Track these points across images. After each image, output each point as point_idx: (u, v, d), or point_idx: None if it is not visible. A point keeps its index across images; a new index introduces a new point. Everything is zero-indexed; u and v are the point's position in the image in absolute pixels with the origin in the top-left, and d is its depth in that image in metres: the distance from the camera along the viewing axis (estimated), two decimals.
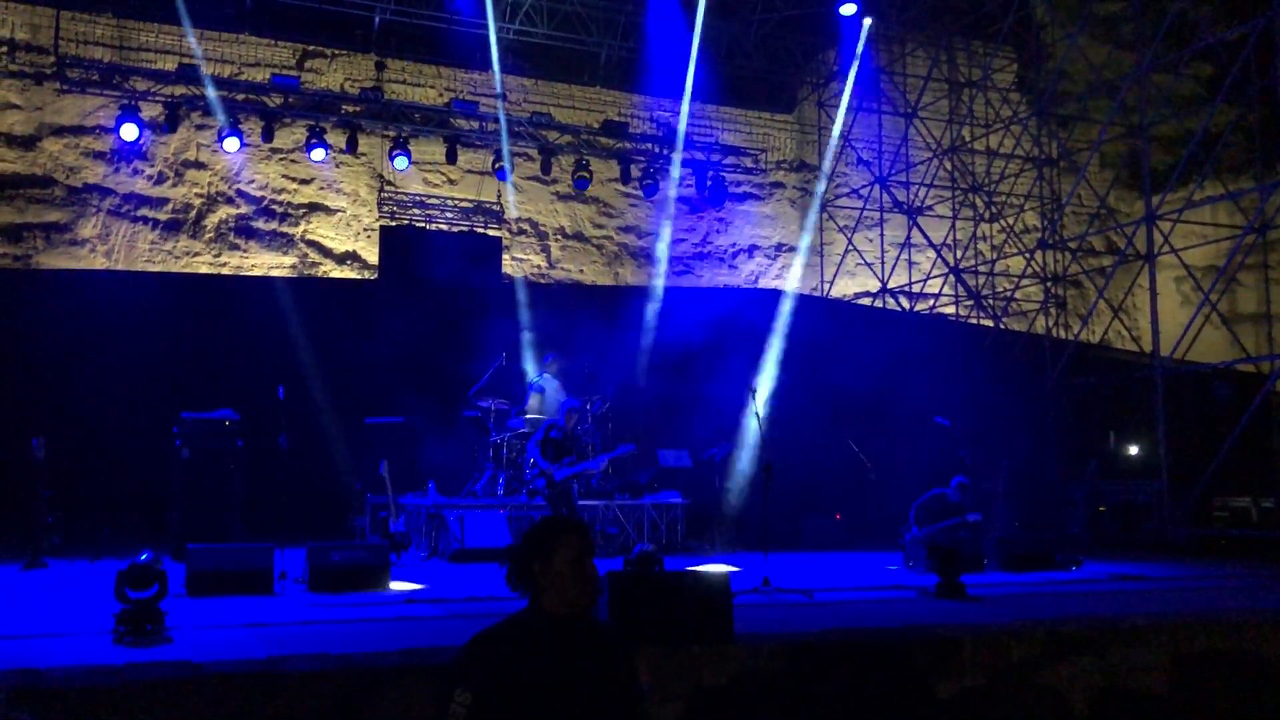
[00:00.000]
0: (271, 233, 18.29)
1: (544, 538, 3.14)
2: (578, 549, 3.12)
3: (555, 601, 3.09)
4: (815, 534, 14.13)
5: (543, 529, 3.18)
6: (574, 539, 3.13)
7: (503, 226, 18.63)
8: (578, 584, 3.10)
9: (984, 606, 8.01)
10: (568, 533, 3.14)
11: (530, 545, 3.15)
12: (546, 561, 3.10)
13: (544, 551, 3.11)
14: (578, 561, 3.10)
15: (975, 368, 18.16)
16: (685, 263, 21.05)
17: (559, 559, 3.09)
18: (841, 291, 21.40)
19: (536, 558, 3.10)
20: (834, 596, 8.52)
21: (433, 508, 11.84)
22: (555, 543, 3.12)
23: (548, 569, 3.09)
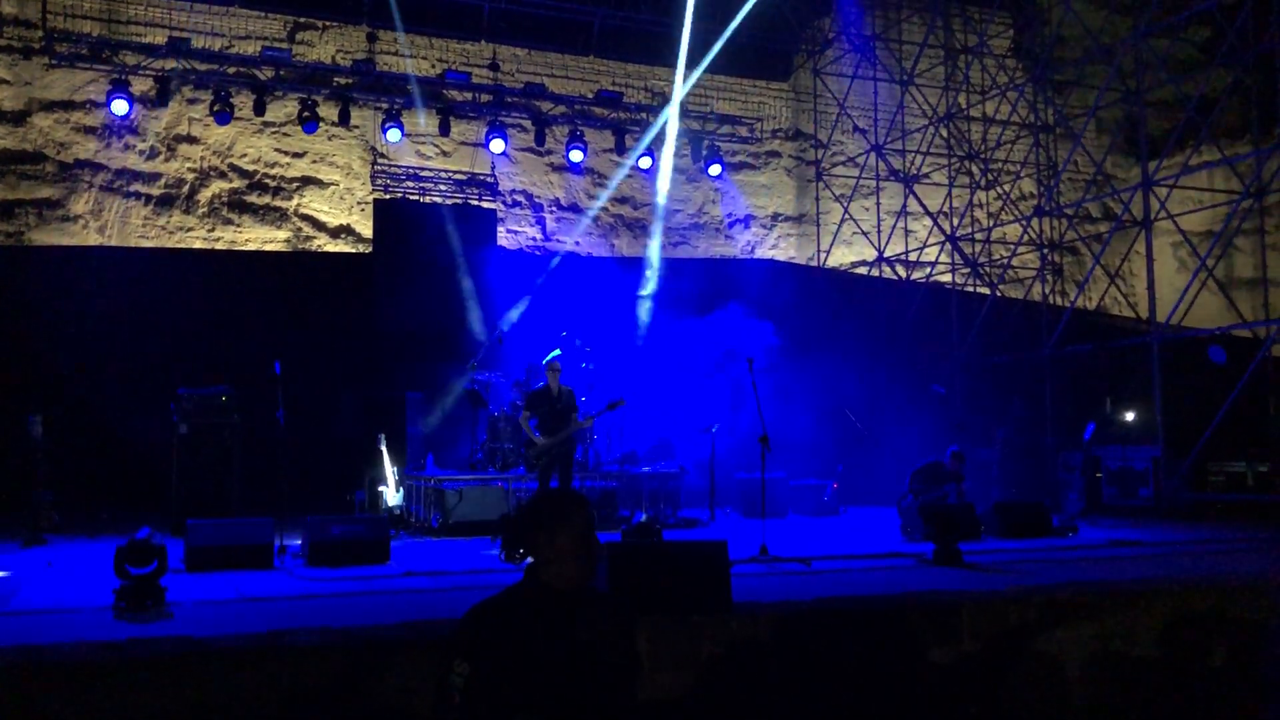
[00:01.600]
0: (265, 207, 18.20)
1: (549, 513, 3.12)
2: (582, 525, 3.11)
3: (556, 576, 3.09)
4: (812, 502, 14.18)
5: (547, 503, 3.16)
6: (579, 514, 3.12)
7: (496, 199, 18.54)
8: (581, 559, 3.10)
9: (981, 574, 8.04)
10: (573, 507, 3.13)
11: (533, 519, 3.14)
12: (551, 536, 3.09)
13: (549, 527, 3.10)
14: (582, 538, 3.10)
15: (972, 335, 18.18)
16: (681, 233, 20.99)
17: (564, 535, 3.08)
18: (838, 260, 21.36)
19: (541, 531, 3.10)
20: (831, 565, 8.54)
21: (431, 481, 11.86)
22: (560, 518, 3.10)
23: (551, 544, 3.09)
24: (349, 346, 14.64)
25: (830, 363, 16.33)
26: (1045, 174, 19.78)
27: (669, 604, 5.73)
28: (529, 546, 3.13)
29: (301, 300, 14.75)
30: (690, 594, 5.82)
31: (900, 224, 20.41)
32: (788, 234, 22.02)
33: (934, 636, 6.11)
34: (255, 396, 11.36)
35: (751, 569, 8.12)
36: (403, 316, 14.10)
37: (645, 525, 9.52)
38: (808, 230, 21.70)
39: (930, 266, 20.41)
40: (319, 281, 15.29)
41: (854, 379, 16.79)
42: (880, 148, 20.55)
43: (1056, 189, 19.45)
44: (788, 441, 13.57)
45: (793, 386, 15.51)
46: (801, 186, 22.05)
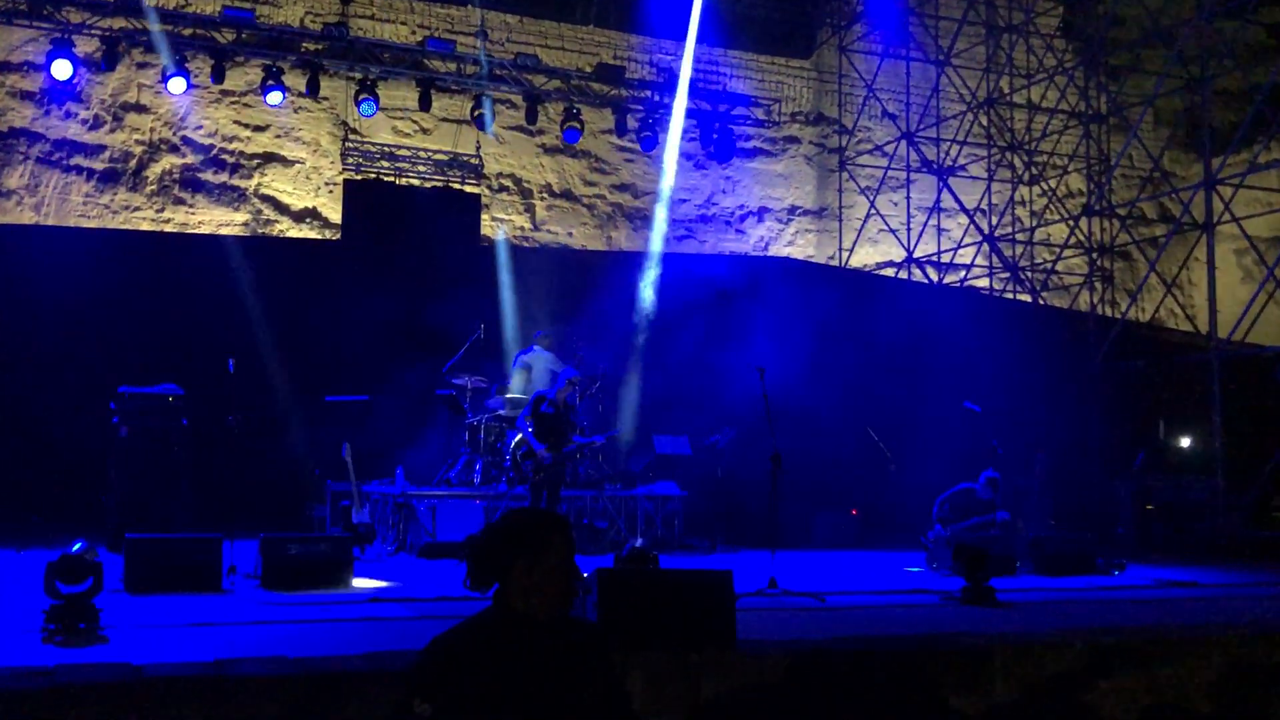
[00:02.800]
0: (221, 186, 18.21)
1: (525, 536, 3.12)
2: (563, 550, 3.11)
3: (530, 604, 3.09)
4: (828, 531, 14.18)
5: (522, 525, 3.15)
6: (560, 541, 3.12)
7: (482, 182, 18.57)
8: (563, 587, 3.10)
9: (1016, 614, 8.04)
10: (554, 533, 3.13)
11: (506, 542, 3.13)
12: (527, 563, 3.08)
13: (525, 552, 3.09)
14: (562, 565, 3.10)
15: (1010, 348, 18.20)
16: (687, 226, 21.02)
17: (542, 562, 3.08)
18: (862, 261, 21.40)
19: (517, 557, 3.09)
20: (848, 600, 8.55)
21: (401, 497, 11.85)
22: (538, 543, 3.10)
23: (527, 571, 3.08)
24: (312, 344, 14.63)
25: (851, 375, 16.33)
26: (1096, 169, 19.83)
27: (666, 639, 5.73)
28: (499, 573, 3.13)
29: (260, 291, 14.73)
30: (690, 629, 5.82)
31: (933, 221, 20.45)
32: (806, 230, 22.06)
33: (962, 684, 6.11)
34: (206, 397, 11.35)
35: (759, 603, 8.12)
36: (373, 312, 14.08)
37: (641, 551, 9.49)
38: (829, 226, 21.74)
39: (965, 270, 20.45)
40: (280, 271, 15.28)
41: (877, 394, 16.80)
42: (912, 135, 20.60)
43: (1108, 186, 19.51)
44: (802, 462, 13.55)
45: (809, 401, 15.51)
46: (823, 177, 22.10)
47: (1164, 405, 17.31)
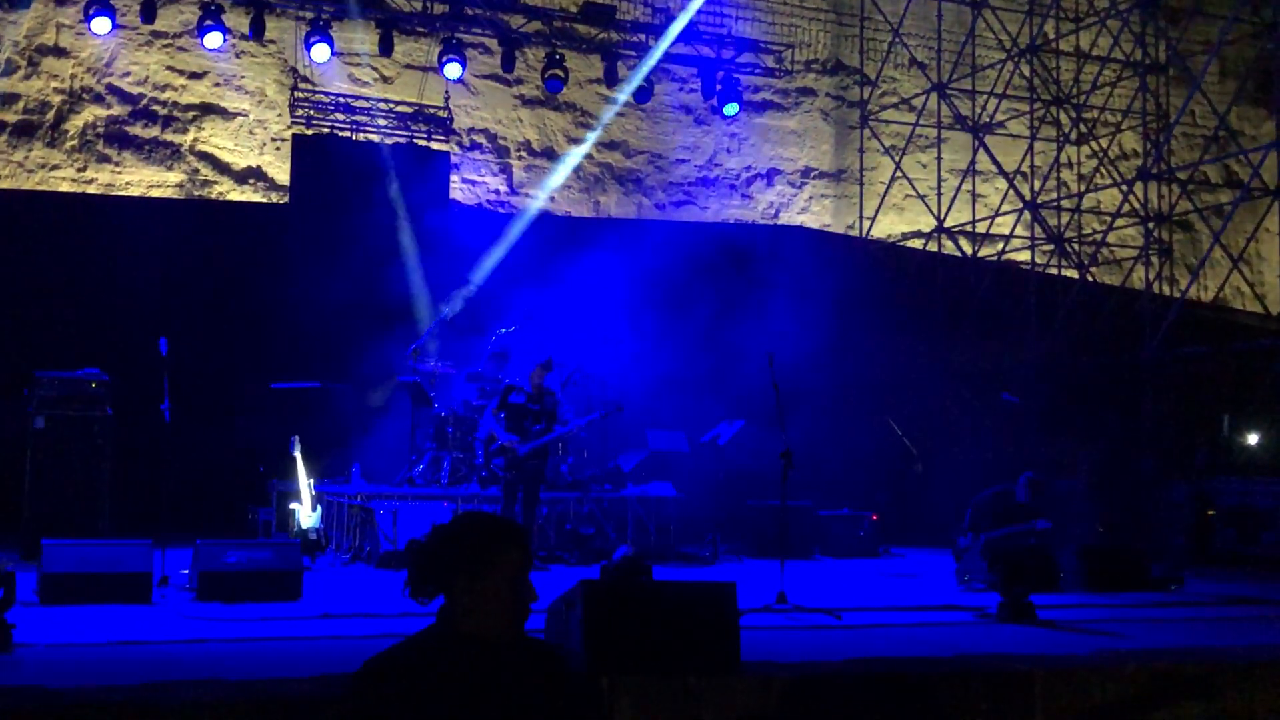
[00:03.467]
0: (152, 141, 18.12)
1: (476, 548, 3.09)
2: (516, 567, 3.08)
3: (478, 625, 3.08)
4: (845, 538, 14.19)
5: (474, 534, 3.11)
6: (514, 554, 3.08)
7: (451, 139, 18.50)
8: (511, 608, 3.08)
9: (1059, 634, 8.05)
10: (506, 546, 3.09)
11: (454, 552, 3.10)
12: (476, 578, 3.06)
13: (475, 565, 3.07)
14: (514, 582, 3.07)
15: (1055, 330, 18.23)
16: (686, 190, 20.98)
17: (493, 578, 3.06)
18: (886, 231, 21.39)
19: (463, 571, 3.07)
20: (868, 618, 8.56)
21: (357, 498, 11.83)
22: (491, 557, 3.06)
23: (473, 587, 3.06)
24: (256, 322, 14.59)
25: (873, 361, 16.35)
26: (1153, 127, 19.82)
27: (660, 661, 5.73)
28: (445, 586, 3.11)
29: (196, 262, 14.70)
30: (687, 649, 5.81)
31: (967, 186, 20.43)
32: (822, 195, 22.03)
33: (997, 713, 6.12)
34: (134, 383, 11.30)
35: (766, 620, 8.12)
36: (326, 286, 14.05)
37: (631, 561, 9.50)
38: (848, 191, 21.71)
39: (1004, 241, 20.45)
40: (220, 238, 15.23)
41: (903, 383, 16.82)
42: (944, 87, 20.56)
43: (1167, 147, 19.50)
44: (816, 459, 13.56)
45: (824, 390, 15.52)
46: (841, 134, 22.05)
47: (1228, 397, 17.33)
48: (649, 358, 14.84)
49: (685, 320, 15.05)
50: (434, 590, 3.14)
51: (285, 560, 8.90)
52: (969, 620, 8.73)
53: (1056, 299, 18.91)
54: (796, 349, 15.51)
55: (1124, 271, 20.42)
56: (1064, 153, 20.95)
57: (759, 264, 16.41)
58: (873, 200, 21.15)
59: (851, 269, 17.85)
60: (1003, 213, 20.35)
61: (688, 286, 15.43)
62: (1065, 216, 20.49)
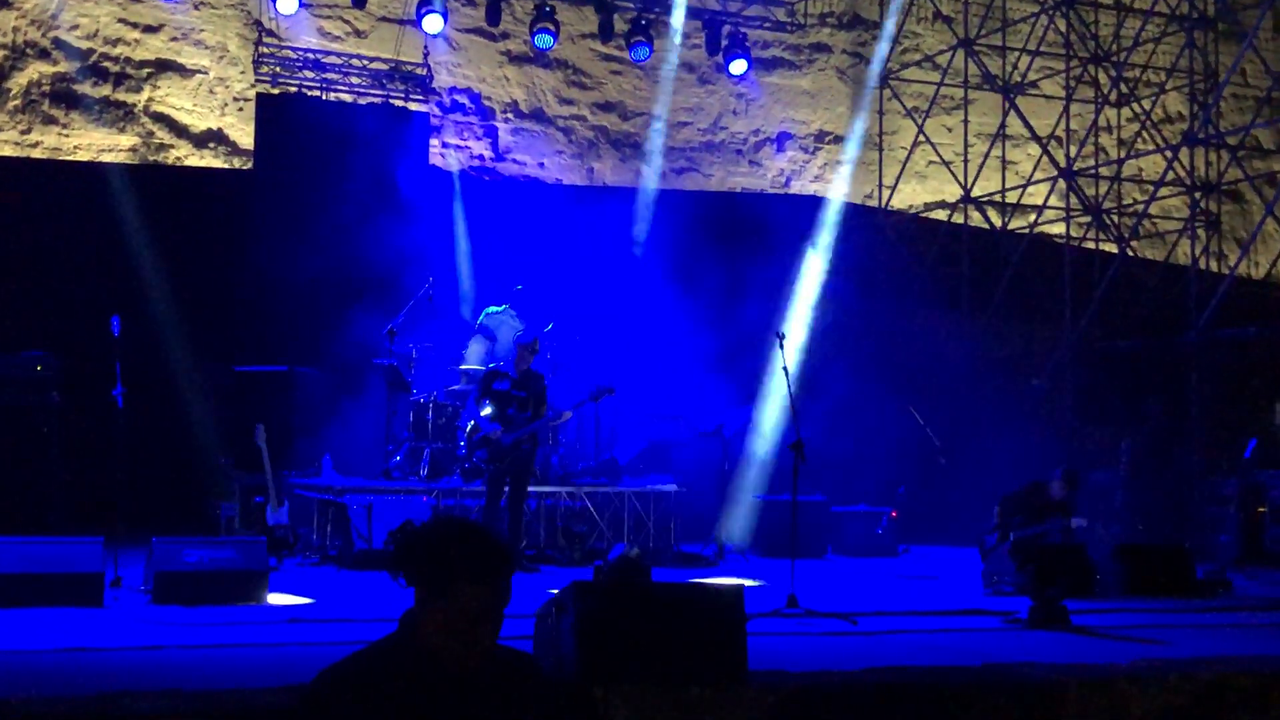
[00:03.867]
0: (103, 101, 18.06)
1: (445, 566, 3.01)
2: (483, 605, 3.00)
3: (429, 641, 3.06)
4: (862, 536, 14.22)
5: (448, 550, 3.01)
6: (483, 592, 2.98)
7: (430, 99, 18.44)
8: (463, 643, 3.02)
9: (1095, 641, 8.06)
10: (480, 579, 2.97)
11: (422, 559, 3.06)
12: (436, 597, 3.02)
13: (437, 585, 3.02)
14: (474, 619, 3.00)
15: (1091, 310, 18.21)
16: (689, 156, 20.94)
17: (452, 607, 3.00)
18: (907, 200, 21.36)
19: (424, 585, 3.04)
20: (886, 623, 8.57)
21: (329, 492, 11.83)
22: (456, 587, 2.99)
23: (435, 605, 3.02)
24: (217, 300, 14.56)
25: (893, 343, 16.33)
26: (1200, 87, 19.78)
27: (659, 671, 5.73)
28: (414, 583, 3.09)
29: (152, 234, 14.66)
30: (689, 658, 5.82)
31: (996, 152, 20.38)
32: (838, 161, 21.96)
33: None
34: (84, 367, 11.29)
35: (776, 625, 8.13)
36: (293, 261, 14.03)
37: (629, 561, 9.53)
38: (866, 157, 21.65)
39: (1036, 212, 20.41)
40: (177, 208, 15.19)
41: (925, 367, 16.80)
42: (971, 44, 20.51)
43: (1215, 109, 19.46)
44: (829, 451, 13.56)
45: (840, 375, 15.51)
46: (859, 95, 21.98)
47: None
48: (648, 340, 14.84)
49: (688, 298, 15.04)
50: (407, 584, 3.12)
51: (250, 560, 8.89)
52: (996, 626, 8.73)
53: (1094, 275, 18.87)
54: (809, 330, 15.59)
55: (1168, 246, 20.40)
56: (1103, 115, 20.89)
57: (768, 237, 16.38)
58: (893, 167, 21.11)
59: (869, 243, 17.84)
60: (1035, 181, 20.30)
61: (690, 262, 15.41)
62: (1103, 185, 20.44)
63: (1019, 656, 7.12)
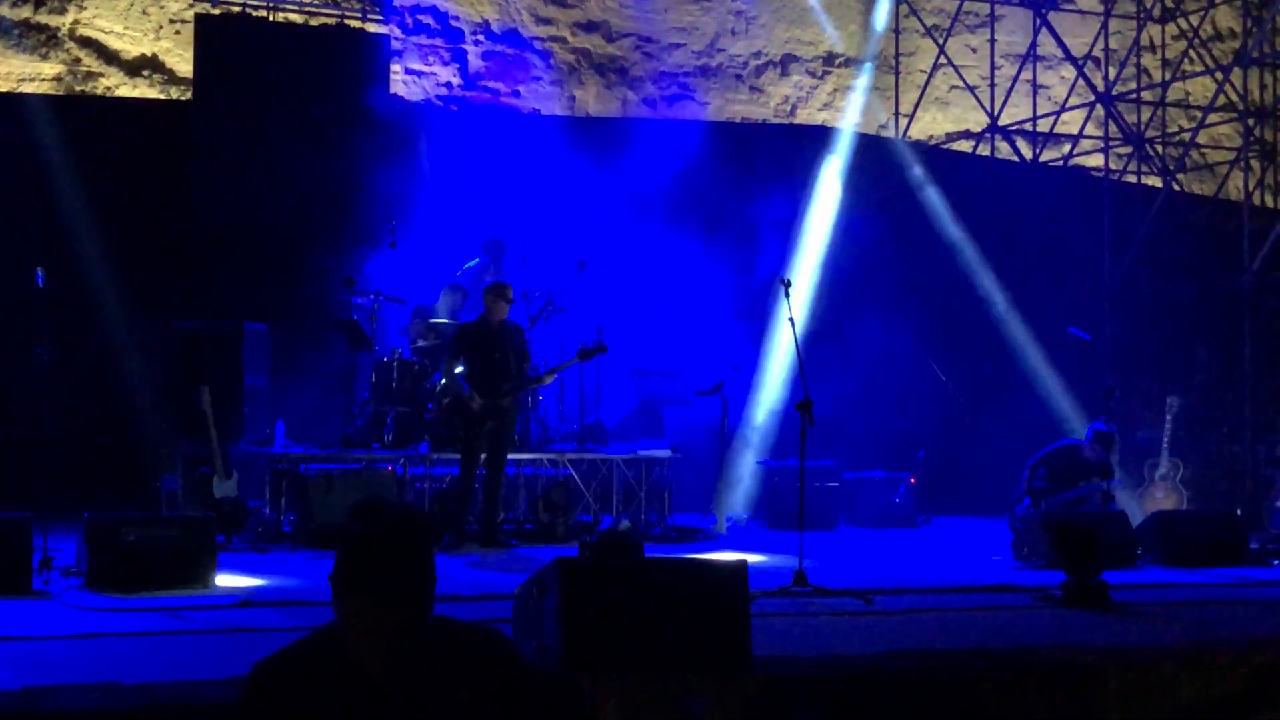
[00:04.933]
0: (23, 24, 17.93)
1: (341, 567, 3.03)
2: (361, 622, 2.99)
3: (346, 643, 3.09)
4: (877, 504, 14.26)
5: (345, 552, 3.04)
6: (369, 606, 2.98)
7: (391, 20, 18.30)
8: (364, 653, 3.03)
9: (1137, 620, 8.11)
10: (368, 594, 2.98)
11: (337, 555, 3.07)
12: (337, 598, 3.05)
13: (339, 576, 3.04)
14: (364, 633, 3.00)
15: (1133, 251, 18.20)
16: (681, 81, 20.85)
17: (343, 613, 3.02)
18: (927, 130, 21.30)
19: (335, 576, 3.06)
20: (905, 601, 8.60)
21: (283, 462, 11.82)
22: (340, 594, 3.02)
23: (338, 606, 3.05)
24: (154, 247, 14.49)
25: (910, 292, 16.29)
26: (1255, 2, 19.70)
27: (653, 658, 5.74)
28: None
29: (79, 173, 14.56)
30: (687, 642, 5.83)
31: (1026, 75, 20.30)
32: (849, 87, 21.89)
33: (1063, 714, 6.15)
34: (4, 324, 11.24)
35: (782, 605, 8.15)
36: (239, 202, 13.97)
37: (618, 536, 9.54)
38: (881, 82, 21.57)
39: (1071, 142, 20.37)
40: (108, 143, 15.07)
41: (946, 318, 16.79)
42: None
43: (1271, 25, 19.39)
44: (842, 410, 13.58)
45: (851, 327, 15.50)
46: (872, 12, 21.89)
47: None
48: (638, 288, 14.80)
49: (682, 242, 14.99)
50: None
51: (195, 538, 8.87)
52: (1028, 604, 8.76)
53: (1136, 212, 18.85)
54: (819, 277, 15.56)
55: (1218, 179, 20.36)
56: (1145, 33, 20.82)
57: (771, 172, 16.31)
58: (911, 93, 21.02)
59: (886, 178, 17.77)
60: (1070, 107, 20.24)
61: (685, 201, 15.35)
62: (1146, 112, 20.39)
63: (1053, 638, 7.16)
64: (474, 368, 11.22)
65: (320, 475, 11.44)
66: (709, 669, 5.80)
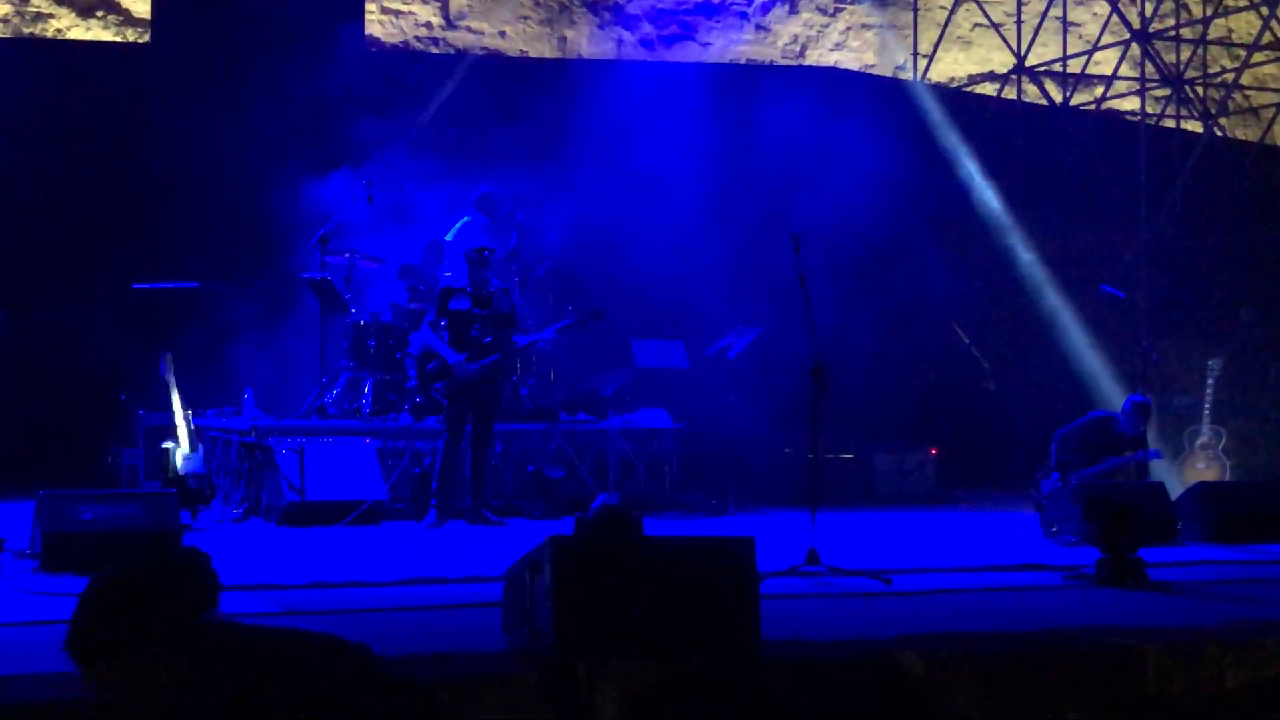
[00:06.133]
0: None
1: (109, 625, 3.04)
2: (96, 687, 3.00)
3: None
4: (894, 479, 14.28)
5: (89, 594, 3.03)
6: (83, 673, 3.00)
7: None
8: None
9: (1178, 599, 8.08)
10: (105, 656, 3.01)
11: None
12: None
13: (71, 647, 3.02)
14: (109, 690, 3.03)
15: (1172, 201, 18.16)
16: (681, 20, 20.80)
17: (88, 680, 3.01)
18: (948, 72, 21.25)
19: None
20: (925, 581, 8.59)
21: (252, 434, 11.81)
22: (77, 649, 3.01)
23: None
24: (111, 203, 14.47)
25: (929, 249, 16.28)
26: None
27: (653, 642, 5.74)
28: None
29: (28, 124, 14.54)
30: (690, 625, 5.83)
31: (1055, 11, 20.24)
32: (862, 25, 21.85)
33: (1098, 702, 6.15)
34: None
35: (793, 586, 8.16)
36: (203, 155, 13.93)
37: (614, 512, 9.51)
38: (897, 19, 21.53)
39: (1105, 84, 20.31)
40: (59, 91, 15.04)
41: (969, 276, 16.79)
42: None
43: None
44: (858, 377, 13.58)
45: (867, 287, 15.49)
46: None
47: None
48: (635, 245, 14.78)
49: (684, 197, 14.96)
50: None
51: (158, 516, 8.87)
52: (1058, 583, 8.75)
53: (1174, 160, 18.82)
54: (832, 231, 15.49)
55: (1263, 123, 20.33)
56: None
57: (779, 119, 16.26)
58: (931, 32, 20.96)
59: (902, 124, 17.73)
60: (1103, 46, 20.18)
61: (686, 152, 15.29)
62: (1186, 50, 20.33)
63: (1086, 620, 7.14)
64: (458, 332, 11.20)
65: (292, 449, 11.42)
66: (714, 654, 5.80)
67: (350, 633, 3.20)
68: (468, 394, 11.14)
